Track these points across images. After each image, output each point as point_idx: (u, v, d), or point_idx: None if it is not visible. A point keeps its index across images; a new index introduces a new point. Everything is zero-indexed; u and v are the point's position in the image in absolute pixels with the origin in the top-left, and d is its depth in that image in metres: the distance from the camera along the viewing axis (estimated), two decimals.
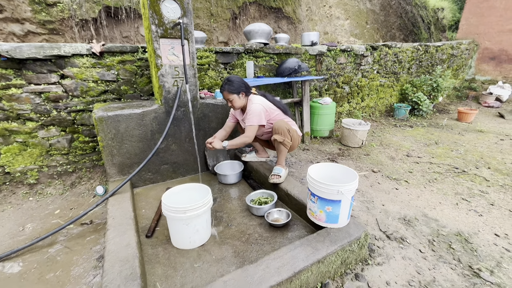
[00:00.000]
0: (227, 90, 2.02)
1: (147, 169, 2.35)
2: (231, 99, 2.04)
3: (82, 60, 2.27)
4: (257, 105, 2.06)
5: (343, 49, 3.79)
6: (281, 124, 2.05)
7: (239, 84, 2.04)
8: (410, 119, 4.62)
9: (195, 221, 1.54)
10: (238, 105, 2.08)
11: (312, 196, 1.51)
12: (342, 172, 1.59)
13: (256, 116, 2.04)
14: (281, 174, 2.09)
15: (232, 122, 2.36)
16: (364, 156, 3.06)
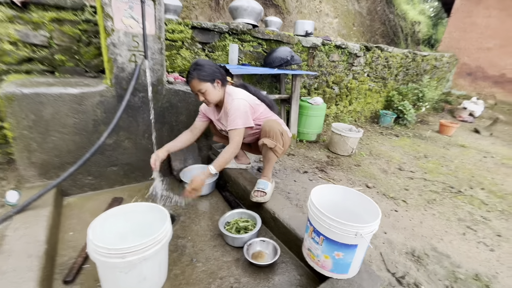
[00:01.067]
0: (197, 78, 1.45)
1: (86, 172, 1.73)
2: (203, 90, 1.48)
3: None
4: (240, 101, 1.55)
5: (338, 45, 3.42)
6: (273, 125, 1.57)
7: (213, 69, 1.50)
8: (394, 128, 4.46)
9: (141, 266, 1.01)
10: (213, 98, 1.53)
11: (316, 235, 1.07)
12: (359, 203, 1.17)
13: (241, 116, 1.53)
14: (266, 190, 1.62)
15: (203, 121, 1.81)
16: (355, 167, 2.74)
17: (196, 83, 1.47)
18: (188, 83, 1.50)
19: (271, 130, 1.56)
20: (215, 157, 2.16)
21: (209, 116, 1.79)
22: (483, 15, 5.70)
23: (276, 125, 1.58)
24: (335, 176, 2.48)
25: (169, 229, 1.10)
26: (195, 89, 1.50)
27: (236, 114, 1.52)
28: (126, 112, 1.74)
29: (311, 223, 1.11)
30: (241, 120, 1.53)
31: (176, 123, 2.01)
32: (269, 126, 1.57)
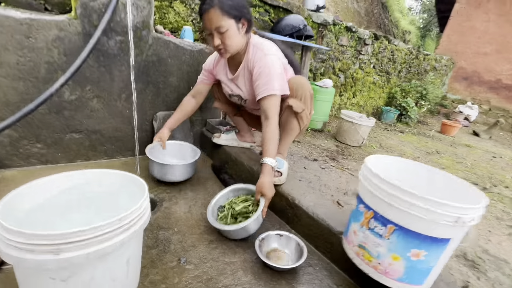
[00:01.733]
0: (219, 7, 1.01)
1: (34, 136, 1.26)
2: (223, 29, 1.04)
3: None
4: (274, 59, 1.13)
5: (349, 26, 3.12)
6: (303, 82, 1.19)
7: (241, 2, 1.07)
8: (396, 125, 4.23)
9: (92, 270, 0.58)
10: (234, 44, 1.10)
11: (379, 223, 0.70)
12: (443, 184, 0.80)
13: (278, 78, 1.12)
14: (282, 169, 1.23)
15: (208, 84, 1.41)
16: None
17: (215, 15, 1.01)
18: (202, 15, 1.05)
19: (299, 88, 1.17)
20: (210, 134, 1.75)
21: (218, 75, 1.37)
22: (482, 19, 5.68)
23: (307, 83, 1.19)
24: (348, 165, 2.13)
25: (146, 207, 0.68)
26: (211, 25, 1.04)
27: (271, 74, 1.10)
28: (97, 60, 1.29)
29: (367, 205, 0.73)
30: (278, 82, 1.11)
31: (164, 86, 1.57)
32: (297, 83, 1.17)
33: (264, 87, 1.11)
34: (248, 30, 1.14)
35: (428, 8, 16.54)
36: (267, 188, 1.04)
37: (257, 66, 1.13)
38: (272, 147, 1.11)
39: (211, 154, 1.73)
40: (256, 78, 1.14)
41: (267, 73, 1.11)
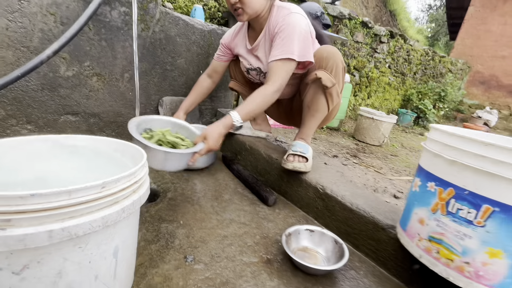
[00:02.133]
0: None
1: (24, 116, 1.11)
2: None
3: None
4: (300, 18, 0.97)
5: (365, 21, 2.98)
6: (335, 51, 1.01)
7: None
8: (414, 128, 4.00)
9: (62, 261, 0.39)
10: (253, 3, 0.95)
11: (467, 204, 0.49)
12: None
13: (301, 40, 0.95)
14: (307, 154, 1.04)
15: (225, 61, 1.26)
16: (392, 156, 2.20)
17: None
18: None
19: (330, 57, 0.99)
20: None
21: (236, 49, 1.21)
22: (499, 22, 5.50)
23: (339, 54, 1.02)
24: (373, 163, 1.92)
25: (143, 178, 0.50)
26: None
27: (293, 35, 0.94)
28: (97, 32, 1.16)
29: (443, 181, 0.53)
30: (299, 46, 0.95)
31: (171, 68, 1.42)
32: (328, 52, 1.00)
33: (281, 49, 0.95)
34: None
35: (435, 18, 16.54)
36: (213, 137, 0.92)
37: (278, 25, 0.97)
38: (249, 105, 0.96)
39: (222, 145, 1.55)
40: (275, 37, 0.98)
41: (288, 32, 0.94)
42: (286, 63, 0.96)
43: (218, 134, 0.94)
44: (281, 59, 0.95)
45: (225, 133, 0.97)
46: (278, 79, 0.96)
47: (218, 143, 0.95)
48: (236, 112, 0.96)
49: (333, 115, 1.18)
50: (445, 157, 0.52)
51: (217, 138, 0.94)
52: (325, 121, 1.19)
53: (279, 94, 1.00)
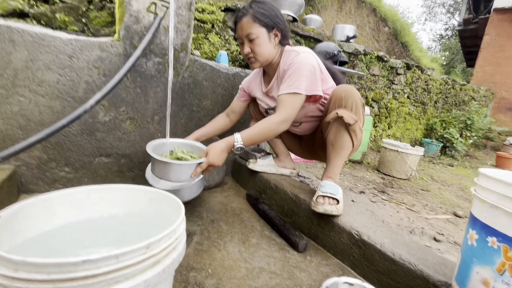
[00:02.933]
0: (251, 15, 1.01)
1: (63, 159, 1.18)
2: (253, 36, 1.02)
3: None
4: (308, 56, 1.04)
5: (380, 56, 3.05)
6: (351, 90, 1.03)
7: (275, 13, 1.05)
8: (441, 158, 3.80)
9: None
10: (263, 52, 1.05)
11: None
12: None
13: (308, 76, 1.01)
14: (338, 196, 1.00)
15: (244, 102, 1.35)
16: (423, 191, 2.06)
17: (246, 24, 1.02)
18: (236, 24, 1.07)
19: (349, 96, 1.01)
20: (244, 160, 1.59)
21: (253, 92, 1.30)
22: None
23: (356, 92, 1.04)
24: (403, 199, 1.80)
25: (181, 234, 0.50)
26: (242, 33, 1.04)
27: (300, 71, 1.00)
28: (133, 81, 1.26)
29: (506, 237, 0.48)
30: (306, 81, 1.00)
31: (198, 109, 1.50)
32: (346, 91, 1.02)
33: (288, 84, 1.01)
34: (282, 42, 1.10)
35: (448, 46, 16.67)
36: (215, 153, 0.98)
37: (289, 64, 1.04)
38: (253, 131, 1.01)
39: (245, 183, 1.54)
40: (284, 75, 1.05)
41: (295, 69, 1.01)
42: (294, 96, 1.00)
43: (219, 150, 0.99)
44: (288, 93, 1.00)
45: (227, 151, 1.02)
46: (284, 111, 1.00)
47: (219, 159, 0.99)
48: (239, 134, 1.01)
49: (356, 149, 1.16)
50: (506, 209, 0.48)
51: (218, 153, 0.99)
52: (349, 155, 1.17)
53: (286, 125, 1.03)
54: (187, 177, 0.98)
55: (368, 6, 6.35)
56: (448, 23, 16.48)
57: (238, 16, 1.05)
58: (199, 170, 0.98)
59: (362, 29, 6.74)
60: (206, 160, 0.98)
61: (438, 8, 16.35)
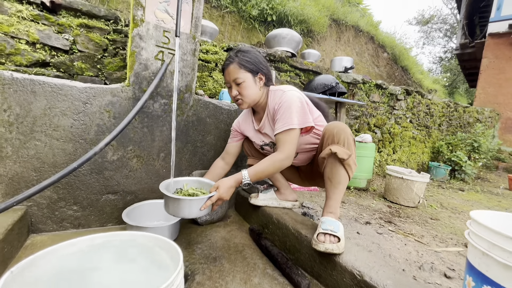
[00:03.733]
0: (237, 62, 1.13)
1: (72, 198, 1.23)
2: (239, 81, 1.13)
3: (17, 5, 1.41)
4: (294, 93, 1.13)
5: (379, 84, 3.15)
6: (342, 126, 1.09)
7: (258, 59, 1.17)
8: (451, 182, 3.71)
9: None
10: (249, 95, 1.16)
11: None
12: None
13: (298, 111, 1.10)
14: (338, 233, 1.00)
15: (237, 142, 1.41)
16: (432, 220, 2.00)
17: (233, 70, 1.13)
18: (224, 70, 1.18)
19: (341, 132, 1.06)
20: (246, 194, 1.61)
21: (246, 132, 1.37)
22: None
23: (347, 128, 1.09)
24: (411, 230, 1.75)
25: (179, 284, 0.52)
26: (230, 78, 1.15)
27: (290, 108, 1.09)
28: (141, 121, 1.35)
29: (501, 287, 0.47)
30: (297, 116, 1.09)
31: (202, 144, 1.56)
32: (337, 128, 1.07)
33: (282, 122, 1.09)
34: (266, 83, 1.21)
35: (449, 68, 16.95)
36: (224, 187, 1.05)
37: (276, 104, 1.13)
38: (259, 167, 1.08)
39: (248, 217, 1.55)
40: (276, 114, 1.13)
41: (285, 107, 1.09)
42: (290, 132, 1.08)
43: (228, 185, 1.06)
44: (284, 131, 1.08)
45: (235, 186, 1.09)
46: (285, 148, 1.08)
47: (228, 193, 1.06)
48: (247, 171, 1.09)
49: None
50: (497, 259, 0.48)
51: (227, 189, 1.06)
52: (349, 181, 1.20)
53: (289, 161, 1.10)
54: (197, 211, 1.03)
55: (365, 34, 6.66)
56: (446, 46, 16.93)
57: (225, 63, 1.16)
58: (209, 203, 1.03)
59: (361, 56, 6.99)
60: (217, 194, 1.04)
61: (435, 33, 16.91)
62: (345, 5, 6.05)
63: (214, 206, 1.06)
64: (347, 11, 5.62)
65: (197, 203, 1.02)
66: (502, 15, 5.72)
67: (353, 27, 5.93)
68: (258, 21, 3.59)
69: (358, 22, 5.95)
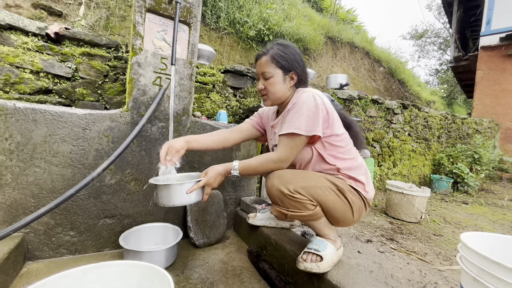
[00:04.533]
0: (270, 55, 1.04)
1: (69, 223, 1.23)
2: (268, 75, 1.04)
3: (23, 38, 1.49)
4: (314, 96, 0.98)
5: (375, 99, 3.20)
6: (269, 184, 1.00)
7: (295, 57, 1.05)
8: (454, 195, 3.66)
9: None
10: (275, 92, 1.05)
11: None
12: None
13: (310, 116, 0.96)
14: (322, 252, 0.98)
15: (253, 127, 1.28)
16: (436, 236, 1.96)
17: (264, 62, 1.05)
18: (256, 60, 1.09)
19: (270, 191, 1.00)
20: (245, 213, 1.60)
21: (265, 122, 1.27)
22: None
23: (275, 179, 0.98)
24: (414, 247, 1.72)
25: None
26: (260, 70, 1.07)
27: (302, 110, 0.97)
28: (139, 145, 1.37)
29: None
30: (306, 120, 0.95)
31: (199, 165, 1.58)
32: (267, 188, 1.01)
33: (289, 124, 0.98)
34: (297, 85, 1.08)
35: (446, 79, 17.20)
36: (212, 173, 1.03)
37: (292, 103, 1.02)
38: (250, 162, 1.02)
39: (247, 237, 1.53)
40: (287, 115, 1.02)
41: (297, 108, 0.98)
42: (293, 137, 0.98)
43: (217, 172, 1.03)
44: (288, 134, 0.98)
45: (224, 173, 1.04)
46: (283, 151, 0.99)
47: (216, 180, 1.03)
48: (238, 163, 1.04)
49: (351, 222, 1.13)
50: (486, 284, 0.48)
51: (215, 175, 1.03)
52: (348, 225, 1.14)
53: (283, 165, 1.00)
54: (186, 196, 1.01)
55: (361, 50, 6.84)
56: (441, 58, 17.27)
57: (259, 54, 1.09)
58: (196, 187, 1.00)
59: (358, 71, 7.14)
60: (204, 179, 1.02)
61: (429, 46, 17.32)
62: (340, 23, 6.26)
63: (205, 195, 1.03)
64: (341, 28, 5.81)
65: (184, 188, 0.99)
66: (492, 29, 5.89)
67: (349, 43, 6.11)
68: (256, 41, 3.72)
69: (353, 39, 6.13)
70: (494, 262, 0.47)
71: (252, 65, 3.71)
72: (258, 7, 3.69)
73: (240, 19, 3.49)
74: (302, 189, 0.95)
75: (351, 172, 1.04)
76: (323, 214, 1.02)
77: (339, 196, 1.00)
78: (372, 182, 2.61)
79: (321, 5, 6.62)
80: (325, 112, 0.99)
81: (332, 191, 0.99)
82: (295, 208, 0.97)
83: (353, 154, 1.09)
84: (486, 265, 0.49)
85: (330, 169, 1.05)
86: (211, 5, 3.32)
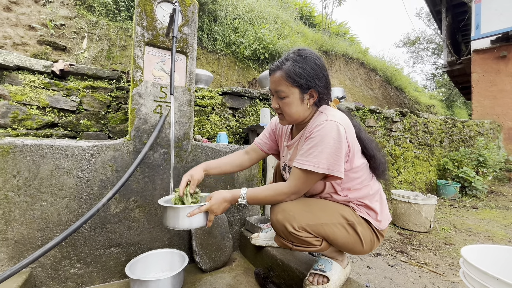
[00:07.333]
0: (285, 71, 0.90)
1: (75, 255, 1.24)
2: (283, 94, 0.92)
3: (30, 77, 1.57)
4: (337, 127, 0.85)
5: (372, 109, 3.24)
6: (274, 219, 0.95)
7: (316, 72, 0.91)
8: (463, 199, 3.59)
9: None
10: (292, 113, 0.94)
11: None
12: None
13: (330, 152, 0.84)
14: (328, 272, 0.98)
15: (267, 144, 1.21)
16: (447, 246, 1.92)
17: (278, 80, 0.91)
18: (270, 74, 0.96)
19: (275, 225, 0.95)
20: (250, 234, 1.59)
21: (278, 137, 1.18)
22: (509, 82, 5.62)
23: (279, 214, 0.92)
24: (425, 259, 1.68)
25: None
26: (273, 87, 0.95)
27: (322, 145, 0.85)
28: (142, 172, 1.40)
29: None
30: (326, 158, 0.84)
31: (202, 188, 1.59)
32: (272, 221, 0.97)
33: (306, 158, 0.86)
34: (318, 103, 0.95)
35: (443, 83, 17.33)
36: (217, 199, 0.97)
37: (311, 131, 0.89)
38: (259, 192, 0.95)
39: (253, 259, 1.52)
40: (305, 142, 0.90)
41: (318, 142, 0.85)
42: (308, 174, 0.87)
43: (222, 198, 0.97)
44: (304, 169, 0.87)
45: (230, 201, 0.97)
46: (295, 185, 0.91)
47: (220, 207, 0.97)
48: (246, 190, 0.96)
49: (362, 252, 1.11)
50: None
51: (220, 201, 0.97)
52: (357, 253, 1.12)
53: (294, 197, 0.94)
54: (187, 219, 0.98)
55: (355, 61, 6.98)
56: (436, 63, 17.50)
57: (272, 68, 0.95)
58: (196, 211, 0.95)
59: (354, 81, 7.26)
60: (207, 205, 0.96)
61: (423, 52, 17.62)
62: (333, 37, 6.45)
63: (209, 222, 0.98)
64: (335, 41, 5.97)
65: (184, 211, 0.96)
66: (482, 33, 6.02)
67: (343, 55, 6.26)
68: (252, 60, 3.84)
69: (347, 51, 6.28)
70: (493, 277, 0.48)
71: (249, 83, 3.82)
72: (253, 28, 3.84)
73: (236, 40, 3.63)
74: (308, 226, 0.89)
75: (365, 200, 0.97)
76: (330, 245, 0.98)
77: (348, 231, 0.93)
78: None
79: (313, 21, 6.86)
80: (347, 146, 0.87)
81: (341, 226, 0.92)
82: (300, 243, 0.92)
83: (369, 182, 0.99)
84: (487, 281, 0.49)
85: (341, 200, 0.98)
86: (207, 29, 3.47)
